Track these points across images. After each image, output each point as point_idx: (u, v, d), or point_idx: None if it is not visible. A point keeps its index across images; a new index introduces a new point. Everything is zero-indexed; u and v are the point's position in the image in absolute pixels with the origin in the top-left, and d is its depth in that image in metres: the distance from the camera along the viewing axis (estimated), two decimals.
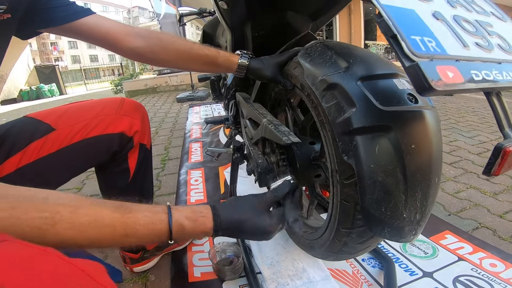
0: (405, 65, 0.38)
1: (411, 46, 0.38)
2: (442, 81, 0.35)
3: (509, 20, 0.60)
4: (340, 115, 0.58)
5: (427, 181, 0.55)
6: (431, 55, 0.38)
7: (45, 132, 0.80)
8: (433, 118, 0.56)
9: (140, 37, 0.87)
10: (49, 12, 0.79)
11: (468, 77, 0.38)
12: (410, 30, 0.40)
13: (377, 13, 0.42)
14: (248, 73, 0.91)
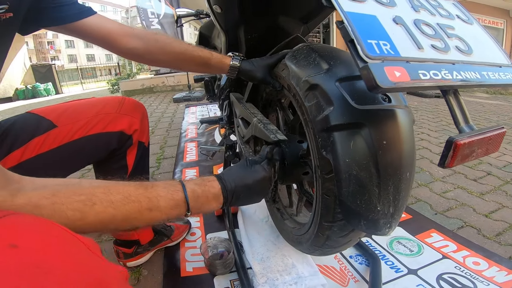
0: (359, 66, 0.42)
1: (365, 49, 0.41)
2: (388, 80, 0.39)
3: (475, 23, 0.64)
4: (320, 113, 0.61)
5: (398, 176, 0.58)
6: (383, 57, 0.42)
7: (47, 128, 0.83)
8: (405, 116, 0.59)
9: (137, 38, 0.89)
10: (53, 11, 0.80)
11: (415, 76, 0.42)
12: (367, 35, 0.43)
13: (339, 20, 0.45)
14: (239, 74, 0.95)
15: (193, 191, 0.60)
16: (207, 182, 0.65)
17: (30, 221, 0.35)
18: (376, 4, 0.51)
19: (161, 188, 0.57)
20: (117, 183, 0.54)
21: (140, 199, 0.53)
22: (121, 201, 0.50)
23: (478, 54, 0.55)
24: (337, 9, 0.46)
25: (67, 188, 0.47)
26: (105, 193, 0.49)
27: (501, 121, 3.55)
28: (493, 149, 0.50)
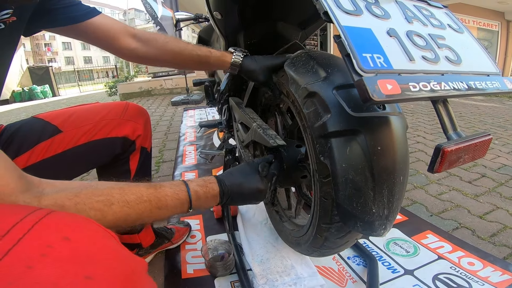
0: (354, 79, 0.44)
1: (360, 63, 0.44)
2: (380, 93, 0.42)
3: (465, 32, 0.67)
4: (318, 120, 0.64)
5: (392, 179, 0.61)
6: (377, 71, 0.45)
7: (52, 133, 0.84)
8: (399, 123, 0.62)
9: (138, 39, 0.91)
10: (59, 12, 0.80)
11: (406, 88, 0.44)
12: (363, 49, 0.46)
13: (336, 34, 0.48)
14: (241, 72, 0.95)
15: (196, 192, 0.65)
16: (208, 183, 0.69)
17: (71, 217, 0.39)
18: (372, 17, 0.54)
19: (168, 188, 0.62)
20: (130, 184, 0.57)
21: (151, 198, 0.57)
22: (135, 200, 0.54)
23: (467, 63, 0.57)
24: (335, 24, 0.48)
25: (88, 190, 0.50)
26: (121, 193, 0.53)
27: (496, 123, 3.59)
28: (479, 155, 0.53)
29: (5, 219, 0.34)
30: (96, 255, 0.34)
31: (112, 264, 0.35)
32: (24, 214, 0.35)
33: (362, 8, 0.54)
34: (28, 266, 0.30)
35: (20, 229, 0.32)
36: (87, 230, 0.37)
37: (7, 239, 0.31)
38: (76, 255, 0.33)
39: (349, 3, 0.53)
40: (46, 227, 0.34)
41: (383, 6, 0.58)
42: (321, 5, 0.51)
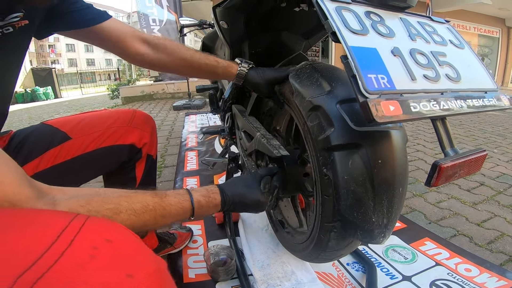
0: (359, 101, 0.47)
1: (366, 84, 0.47)
2: (383, 114, 0.45)
3: (466, 47, 0.69)
4: (321, 134, 0.66)
5: (392, 191, 0.64)
6: (380, 92, 0.48)
7: (61, 140, 0.86)
8: (399, 137, 0.65)
9: (148, 44, 0.92)
10: (71, 15, 0.80)
11: (406, 110, 0.48)
12: (368, 69, 0.49)
13: (343, 54, 0.51)
14: (245, 82, 0.97)
15: (199, 202, 0.68)
16: (211, 193, 0.72)
17: (106, 221, 0.42)
18: (377, 36, 0.57)
19: (172, 197, 0.64)
20: (136, 193, 0.60)
21: (156, 207, 0.59)
22: (141, 209, 0.56)
23: (466, 80, 0.60)
24: (343, 45, 0.51)
25: (98, 197, 0.53)
26: (128, 202, 0.55)
27: (496, 131, 3.61)
28: (474, 170, 0.56)
29: (54, 223, 0.37)
30: (133, 255, 0.38)
31: (146, 262, 0.38)
32: (69, 218, 0.38)
33: (368, 27, 0.57)
34: (80, 266, 0.33)
35: (70, 232, 0.36)
36: (122, 232, 0.41)
37: (60, 242, 0.34)
38: (118, 255, 0.36)
39: (356, 23, 0.56)
40: (90, 230, 0.38)
41: (388, 24, 0.61)
42: (329, 25, 0.54)
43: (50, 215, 0.40)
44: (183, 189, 0.70)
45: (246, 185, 0.78)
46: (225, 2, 0.93)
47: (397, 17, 0.65)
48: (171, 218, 0.63)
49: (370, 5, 0.62)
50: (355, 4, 0.60)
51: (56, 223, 0.37)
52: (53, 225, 0.37)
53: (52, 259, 0.32)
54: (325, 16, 0.55)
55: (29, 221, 0.38)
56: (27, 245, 0.34)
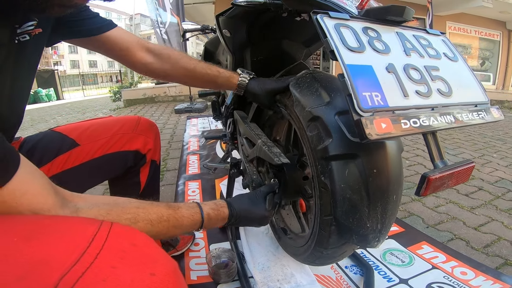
0: (354, 119, 0.51)
1: (360, 103, 0.51)
2: (375, 132, 0.48)
3: (459, 59, 0.72)
4: (320, 144, 0.69)
5: (386, 198, 0.67)
6: (374, 109, 0.51)
7: (70, 147, 0.90)
8: (395, 147, 0.68)
9: (152, 53, 0.94)
10: (78, 24, 0.82)
11: (398, 126, 0.51)
12: (363, 87, 0.52)
13: (340, 73, 0.54)
14: (246, 93, 0.99)
15: (208, 215, 0.74)
16: (220, 207, 0.78)
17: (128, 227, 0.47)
18: (373, 52, 0.60)
19: (184, 210, 0.69)
20: (152, 204, 0.64)
21: (170, 218, 0.64)
22: (156, 220, 0.61)
23: (457, 94, 0.63)
24: (340, 63, 0.54)
25: (117, 207, 0.57)
26: (145, 213, 0.60)
27: (495, 136, 3.64)
28: (462, 180, 0.59)
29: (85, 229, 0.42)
30: (154, 257, 0.43)
31: (165, 263, 0.43)
32: (97, 225, 0.43)
33: (365, 43, 0.60)
34: (113, 267, 0.38)
35: (100, 238, 0.40)
36: (143, 237, 0.46)
37: (93, 246, 0.39)
38: (142, 257, 0.41)
39: (353, 40, 0.59)
40: (117, 235, 0.42)
41: (385, 40, 0.63)
42: (328, 44, 0.57)
43: (80, 222, 0.45)
44: (194, 202, 0.75)
45: (252, 202, 0.84)
46: (228, 11, 0.96)
47: (393, 31, 0.67)
48: (182, 229, 0.69)
49: (368, 20, 0.65)
50: (353, 21, 0.63)
51: (87, 229, 0.42)
52: (84, 231, 0.42)
53: (88, 261, 0.37)
54: (324, 34, 0.57)
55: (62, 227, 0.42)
56: (65, 249, 0.38)
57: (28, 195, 0.46)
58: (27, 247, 0.38)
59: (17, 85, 0.63)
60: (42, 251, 0.38)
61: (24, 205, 0.45)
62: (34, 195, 0.46)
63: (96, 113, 6.63)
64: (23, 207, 0.45)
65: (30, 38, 0.64)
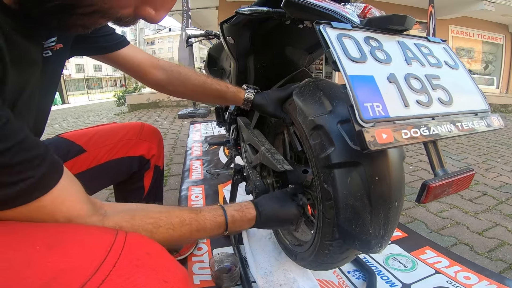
0: (355, 129, 0.52)
1: (362, 113, 0.52)
2: (376, 143, 0.49)
3: (461, 67, 0.73)
4: (323, 152, 0.70)
5: (388, 205, 0.68)
6: (375, 120, 0.52)
7: (77, 153, 0.92)
8: (396, 154, 0.69)
9: (163, 70, 0.97)
10: (94, 40, 0.84)
11: (398, 136, 0.52)
12: (364, 98, 0.53)
13: (343, 84, 0.55)
14: (252, 107, 1.02)
15: (233, 216, 0.73)
16: (245, 208, 0.77)
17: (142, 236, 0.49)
18: (375, 63, 0.61)
19: (207, 212, 0.69)
20: (174, 208, 0.66)
21: (192, 222, 0.64)
22: (178, 224, 0.62)
23: (458, 103, 0.64)
24: (342, 74, 0.55)
25: (140, 213, 0.59)
26: (167, 217, 0.61)
27: (499, 141, 3.62)
28: (462, 187, 0.60)
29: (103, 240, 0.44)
30: (166, 265, 0.45)
31: (176, 271, 0.45)
32: (113, 235, 0.45)
33: (366, 53, 0.61)
34: (130, 274, 0.40)
35: (117, 248, 0.43)
36: (156, 246, 0.48)
37: (111, 255, 0.41)
38: (156, 265, 0.44)
39: (355, 51, 0.60)
40: (132, 245, 0.45)
41: (386, 49, 0.64)
42: (330, 55, 0.58)
43: (97, 231, 0.47)
44: (217, 205, 0.75)
45: (280, 201, 0.83)
46: (232, 19, 0.97)
47: (395, 40, 0.68)
48: (206, 233, 0.68)
49: (370, 30, 0.66)
50: (355, 30, 0.64)
51: (104, 238, 0.44)
52: (102, 240, 0.44)
53: (107, 269, 0.39)
54: (327, 45, 0.58)
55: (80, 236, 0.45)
56: (85, 257, 0.41)
57: (67, 202, 0.49)
58: (50, 255, 0.40)
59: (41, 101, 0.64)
60: (63, 259, 0.40)
61: (62, 211, 0.48)
62: (71, 203, 0.49)
63: (100, 118, 6.66)
64: (61, 214, 0.48)
65: (52, 54, 0.65)
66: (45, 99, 0.69)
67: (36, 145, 0.45)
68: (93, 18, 0.46)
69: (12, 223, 0.44)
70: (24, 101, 0.52)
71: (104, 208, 0.56)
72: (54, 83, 0.73)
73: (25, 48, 0.49)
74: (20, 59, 0.48)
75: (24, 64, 0.50)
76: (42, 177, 0.45)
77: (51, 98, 0.74)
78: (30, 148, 0.44)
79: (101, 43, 0.86)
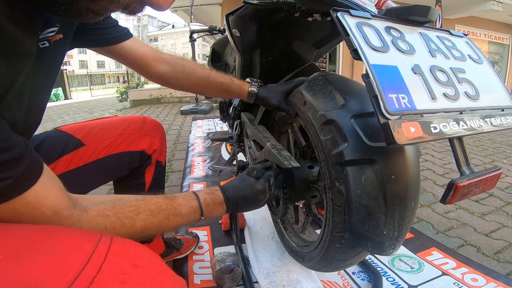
0: (380, 122, 0.47)
1: (387, 105, 0.47)
2: (404, 136, 0.46)
3: (485, 62, 0.69)
4: (335, 148, 0.66)
5: (404, 205, 0.64)
6: (401, 112, 0.48)
7: (75, 146, 0.88)
8: (413, 152, 0.65)
9: (166, 63, 0.95)
10: (96, 32, 0.81)
11: (427, 130, 0.48)
12: (389, 89, 0.49)
13: (365, 73, 0.51)
14: (257, 100, 0.99)
15: (205, 199, 0.73)
16: (214, 191, 0.76)
17: (129, 243, 0.44)
18: (398, 53, 0.57)
19: (181, 198, 0.69)
20: (151, 197, 0.65)
21: (168, 207, 0.64)
22: (156, 209, 0.62)
23: (484, 98, 0.61)
24: (364, 63, 0.51)
25: (119, 202, 0.59)
26: (145, 204, 0.61)
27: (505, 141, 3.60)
28: (489, 187, 0.56)
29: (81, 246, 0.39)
30: (157, 278, 0.40)
31: (172, 284, 0.41)
32: (95, 241, 0.40)
33: (388, 43, 0.57)
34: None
35: (98, 258, 0.37)
36: (145, 255, 0.43)
37: (89, 268, 0.35)
38: (145, 280, 0.38)
39: (377, 39, 0.56)
40: (116, 255, 0.39)
41: (408, 40, 0.60)
42: (351, 42, 0.53)
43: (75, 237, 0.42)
44: (190, 191, 0.75)
45: (242, 180, 0.82)
46: (238, 11, 0.94)
47: (416, 31, 0.64)
48: (183, 218, 0.68)
49: (390, 20, 0.62)
50: (375, 19, 0.60)
51: (82, 246, 0.39)
52: (80, 249, 0.38)
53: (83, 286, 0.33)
54: (346, 32, 0.54)
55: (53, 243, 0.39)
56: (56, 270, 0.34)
57: (50, 197, 0.48)
58: (12, 267, 0.34)
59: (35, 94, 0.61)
60: (29, 272, 0.34)
61: (46, 205, 0.48)
62: (54, 197, 0.49)
63: (102, 113, 6.67)
64: (46, 208, 0.48)
65: (50, 45, 0.62)
66: (41, 91, 0.65)
67: (15, 145, 0.44)
68: (101, 3, 0.45)
69: None
70: (15, 93, 0.49)
71: (79, 201, 0.55)
72: (52, 74, 0.70)
73: (17, 38, 0.46)
74: (10, 50, 0.45)
75: (15, 54, 0.47)
76: (22, 176, 0.44)
77: (49, 91, 0.71)
78: (9, 149, 0.42)
79: (105, 35, 0.83)
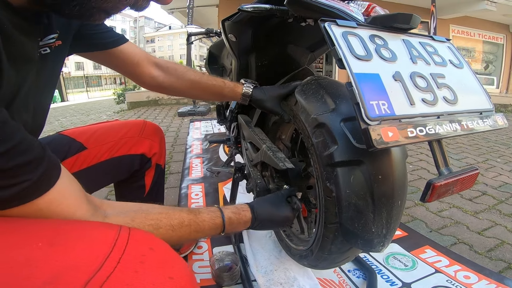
0: (361, 127, 0.51)
1: (368, 111, 0.51)
2: (382, 141, 0.49)
3: (465, 66, 0.72)
4: (325, 150, 0.70)
5: (391, 204, 0.67)
6: (381, 118, 0.52)
7: (77, 150, 0.91)
8: (399, 153, 0.68)
9: (159, 67, 0.97)
10: (91, 37, 0.83)
11: (404, 135, 0.51)
12: (370, 96, 0.53)
13: (348, 81, 0.54)
14: (251, 102, 1.01)
15: (230, 218, 0.74)
16: (241, 211, 0.78)
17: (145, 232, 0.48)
18: (380, 61, 0.60)
19: (205, 214, 0.70)
20: (174, 209, 0.66)
21: (191, 223, 0.65)
22: (178, 225, 0.63)
23: (463, 102, 0.64)
24: (348, 72, 0.55)
25: (141, 214, 0.60)
26: (167, 218, 0.62)
27: (499, 140, 3.63)
28: (466, 186, 0.60)
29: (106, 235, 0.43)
30: (170, 261, 0.45)
31: (181, 267, 0.45)
32: (117, 230, 0.44)
33: (372, 52, 0.60)
34: (135, 271, 0.39)
35: (121, 243, 0.42)
36: (159, 242, 0.47)
37: (115, 251, 0.41)
38: (160, 261, 0.43)
39: (361, 48, 0.59)
40: (136, 241, 0.44)
41: (391, 47, 0.64)
42: (336, 52, 0.57)
43: (99, 227, 0.47)
44: (215, 206, 0.76)
45: (275, 204, 0.84)
46: (234, 16, 0.97)
47: (400, 38, 0.67)
48: (204, 233, 0.70)
49: (375, 28, 0.65)
50: (360, 28, 0.63)
51: (107, 234, 0.43)
52: (105, 236, 0.43)
53: (111, 266, 0.39)
54: (332, 42, 0.58)
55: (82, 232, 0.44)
56: (89, 254, 0.40)
57: (63, 206, 0.48)
58: (51, 252, 0.39)
59: (38, 98, 0.63)
60: (66, 256, 0.39)
61: (58, 214, 0.48)
62: (68, 206, 0.49)
63: (100, 115, 6.65)
64: (56, 217, 0.48)
65: (51, 51, 0.64)
66: (43, 96, 0.68)
67: (33, 147, 0.45)
68: (113, 1, 0.47)
69: (13, 221, 0.44)
70: (21, 99, 0.51)
71: (103, 208, 0.56)
72: (53, 80, 0.72)
73: (22, 45, 0.48)
74: (17, 56, 0.47)
75: (20, 61, 0.49)
76: (37, 181, 0.44)
77: (50, 95, 0.74)
78: (27, 151, 0.43)
79: (102, 40, 0.85)
